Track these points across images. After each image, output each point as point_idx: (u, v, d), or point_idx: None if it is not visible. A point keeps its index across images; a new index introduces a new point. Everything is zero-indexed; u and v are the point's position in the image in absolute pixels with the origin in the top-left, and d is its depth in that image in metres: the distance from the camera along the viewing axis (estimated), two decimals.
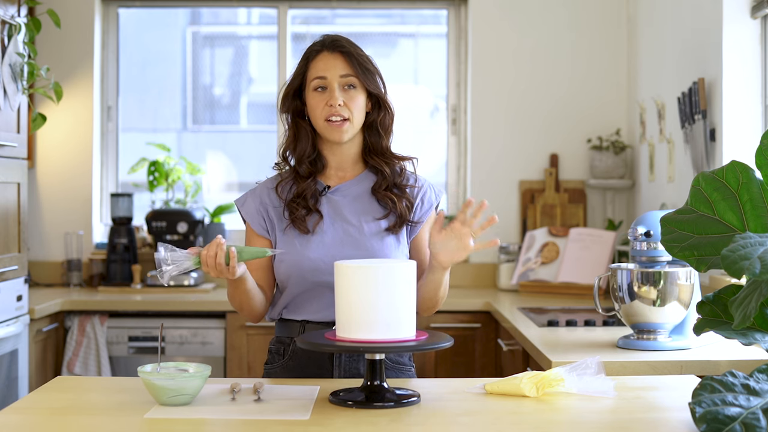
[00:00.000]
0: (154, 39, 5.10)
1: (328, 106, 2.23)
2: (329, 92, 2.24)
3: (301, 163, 2.31)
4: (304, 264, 2.24)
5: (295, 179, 2.31)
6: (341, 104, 2.23)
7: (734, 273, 1.56)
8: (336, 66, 2.25)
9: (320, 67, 2.26)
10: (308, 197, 2.28)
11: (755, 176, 1.77)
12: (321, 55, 2.27)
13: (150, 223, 4.53)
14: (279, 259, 2.28)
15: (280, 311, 2.33)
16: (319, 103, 2.25)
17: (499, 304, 3.97)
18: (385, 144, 2.33)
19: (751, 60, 3.36)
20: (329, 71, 2.25)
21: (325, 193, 2.31)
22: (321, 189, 2.31)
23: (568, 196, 4.71)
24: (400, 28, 5.15)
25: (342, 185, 2.32)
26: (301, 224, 2.26)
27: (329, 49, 2.27)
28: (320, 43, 2.30)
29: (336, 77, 2.25)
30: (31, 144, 4.54)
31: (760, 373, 1.65)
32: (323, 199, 2.30)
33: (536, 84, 4.75)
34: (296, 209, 2.26)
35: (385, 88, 2.32)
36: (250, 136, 5.20)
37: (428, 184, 2.37)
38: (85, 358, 4.09)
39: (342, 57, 2.26)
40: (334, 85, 2.24)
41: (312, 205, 2.28)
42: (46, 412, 1.88)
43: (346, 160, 2.33)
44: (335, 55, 2.26)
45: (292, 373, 2.29)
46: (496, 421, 1.78)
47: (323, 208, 2.29)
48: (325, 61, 2.26)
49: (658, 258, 2.66)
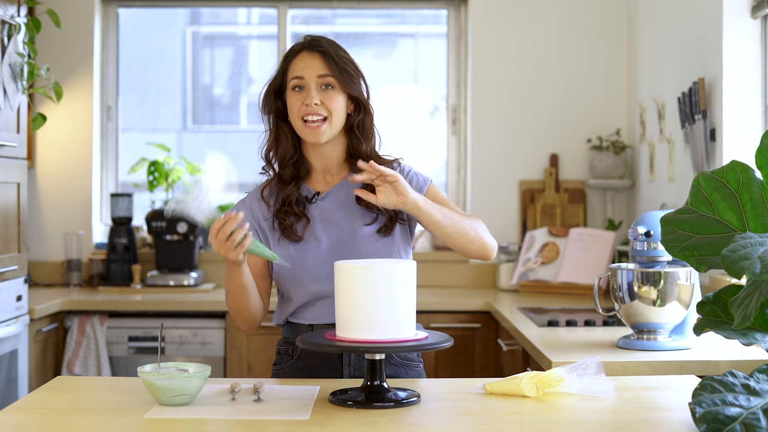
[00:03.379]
0: (154, 39, 5.10)
1: (304, 105, 2.23)
2: (306, 91, 2.24)
3: (284, 166, 2.31)
4: (302, 274, 2.24)
5: (279, 185, 2.31)
6: (317, 103, 2.22)
7: (734, 273, 1.56)
8: (314, 66, 2.25)
9: (299, 67, 2.26)
10: (293, 203, 2.27)
11: (755, 176, 1.77)
12: (300, 55, 2.27)
13: (150, 223, 4.53)
14: (277, 271, 2.27)
15: (286, 317, 2.32)
16: (296, 102, 2.24)
17: (499, 304, 3.97)
18: (367, 148, 2.31)
19: (751, 60, 3.36)
20: (306, 70, 2.25)
21: (315, 201, 2.30)
22: (310, 196, 2.30)
23: (568, 196, 4.70)
24: (400, 28, 5.15)
25: (330, 191, 2.31)
26: (291, 233, 2.25)
27: (309, 49, 2.27)
28: (301, 44, 2.29)
29: (313, 77, 2.24)
30: (31, 144, 4.54)
31: (760, 373, 1.65)
32: (312, 206, 2.30)
33: (536, 84, 4.75)
34: (284, 218, 2.26)
35: (368, 90, 2.30)
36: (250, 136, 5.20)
37: (413, 172, 2.35)
38: (85, 358, 4.09)
39: (320, 57, 2.25)
40: (311, 85, 2.24)
41: (299, 210, 2.27)
42: (46, 412, 1.88)
43: (330, 162, 2.32)
44: (314, 55, 2.26)
45: (301, 373, 2.28)
46: (496, 421, 1.78)
47: (313, 214, 2.29)
48: (303, 61, 2.26)
49: (658, 258, 2.66)
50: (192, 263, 4.57)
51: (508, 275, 4.53)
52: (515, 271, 4.50)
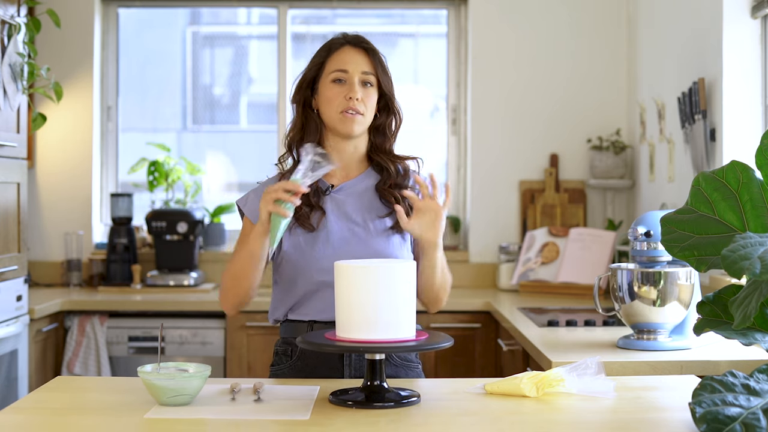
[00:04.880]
0: (154, 39, 5.10)
1: (347, 99, 2.24)
2: (349, 85, 2.25)
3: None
4: (312, 263, 2.24)
5: None
6: (359, 99, 2.24)
7: (734, 273, 1.56)
8: (358, 61, 2.27)
9: (343, 60, 2.27)
10: (310, 194, 2.27)
11: (755, 176, 1.77)
12: (344, 49, 2.28)
13: (150, 223, 4.53)
14: (286, 258, 2.27)
15: (286, 312, 2.31)
16: (337, 95, 2.25)
17: (499, 304, 3.97)
18: (390, 145, 2.35)
19: (751, 60, 3.36)
20: (351, 65, 2.26)
21: (329, 192, 2.30)
22: (324, 188, 2.31)
23: (568, 196, 4.71)
24: (400, 28, 5.15)
25: (346, 184, 2.32)
26: (305, 221, 2.25)
27: (352, 44, 2.29)
28: (343, 38, 2.31)
29: (357, 72, 2.26)
30: (31, 144, 4.54)
31: (760, 373, 1.65)
32: (326, 198, 2.30)
33: (536, 84, 4.75)
34: (300, 207, 2.25)
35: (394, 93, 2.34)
36: (250, 136, 5.20)
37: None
38: (85, 358, 4.09)
39: (365, 54, 2.28)
40: (355, 79, 2.25)
41: (315, 202, 2.27)
42: (46, 412, 1.88)
43: (351, 158, 2.32)
44: (358, 50, 2.28)
45: (300, 373, 2.27)
46: (496, 421, 1.78)
47: (327, 206, 2.29)
48: (348, 55, 2.27)
49: (658, 258, 2.66)
50: (192, 263, 4.57)
51: (508, 275, 4.53)
52: (515, 271, 4.50)
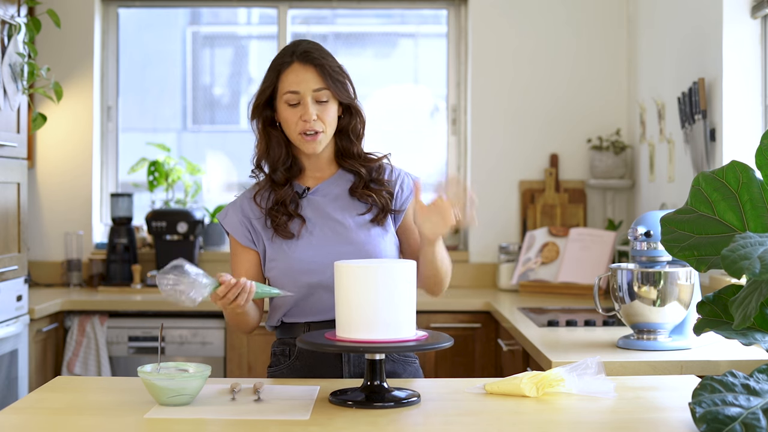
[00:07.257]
0: (154, 39, 5.10)
1: (302, 121, 2.21)
2: (302, 107, 2.22)
3: (276, 170, 2.30)
4: (295, 267, 2.24)
5: (272, 187, 2.30)
6: (315, 119, 2.22)
7: (734, 273, 1.56)
8: (308, 80, 2.22)
9: (292, 81, 2.22)
10: (287, 203, 2.27)
11: (755, 176, 1.77)
12: (292, 68, 2.23)
13: (150, 223, 4.53)
14: (271, 266, 2.27)
15: (279, 318, 2.32)
16: (293, 117, 2.23)
17: (499, 304, 3.97)
18: (357, 149, 2.33)
19: (751, 60, 3.36)
20: (301, 85, 2.22)
21: (305, 195, 2.30)
22: (300, 191, 2.31)
23: (568, 196, 4.71)
24: (400, 28, 5.14)
25: (320, 185, 2.32)
26: (283, 231, 2.25)
27: (301, 61, 2.23)
28: (290, 53, 2.25)
29: (309, 91, 2.22)
30: (31, 144, 4.54)
31: (760, 373, 1.65)
32: (304, 202, 2.30)
33: (536, 84, 4.75)
34: (277, 216, 2.25)
35: (355, 93, 2.30)
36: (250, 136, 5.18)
37: (404, 173, 2.37)
38: (85, 358, 4.09)
39: (314, 70, 2.22)
40: (308, 100, 2.21)
41: (293, 210, 2.27)
42: (46, 412, 1.88)
43: (322, 162, 2.33)
44: (307, 67, 2.23)
45: (299, 373, 2.27)
46: (496, 421, 1.78)
47: (306, 211, 2.29)
48: (297, 74, 2.22)
49: (658, 258, 2.66)
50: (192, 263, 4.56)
51: (508, 275, 4.53)
52: (515, 271, 4.50)
